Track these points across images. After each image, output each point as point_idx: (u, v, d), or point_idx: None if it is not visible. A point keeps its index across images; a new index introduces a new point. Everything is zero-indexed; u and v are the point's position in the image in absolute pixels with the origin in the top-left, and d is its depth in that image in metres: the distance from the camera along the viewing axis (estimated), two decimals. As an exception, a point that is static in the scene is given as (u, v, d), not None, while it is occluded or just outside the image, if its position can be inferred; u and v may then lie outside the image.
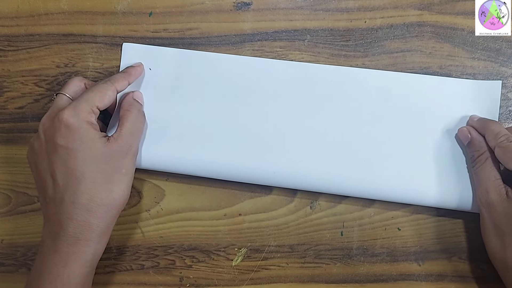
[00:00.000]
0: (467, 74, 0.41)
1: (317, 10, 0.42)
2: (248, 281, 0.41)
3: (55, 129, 0.35)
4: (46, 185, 0.36)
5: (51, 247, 0.35)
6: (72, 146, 0.35)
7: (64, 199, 0.35)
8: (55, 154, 0.35)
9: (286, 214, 0.42)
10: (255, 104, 0.41)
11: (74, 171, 0.35)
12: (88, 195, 0.35)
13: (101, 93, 0.37)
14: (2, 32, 0.43)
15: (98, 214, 0.35)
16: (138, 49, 0.41)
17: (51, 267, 0.34)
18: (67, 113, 0.35)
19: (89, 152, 0.35)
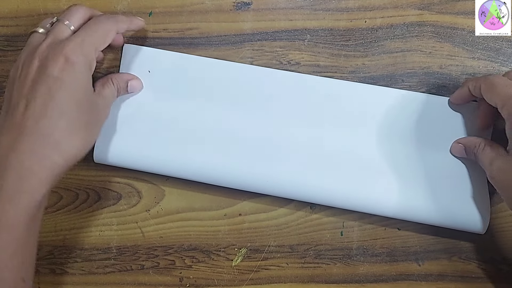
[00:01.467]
0: (467, 74, 0.41)
1: (317, 10, 0.42)
2: (248, 281, 0.41)
3: (53, 61, 0.33)
4: (15, 109, 0.33)
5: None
6: (68, 80, 0.33)
7: (31, 126, 0.32)
8: (44, 84, 0.33)
9: (286, 214, 0.42)
10: (249, 111, 0.40)
11: (61, 104, 0.33)
12: (63, 133, 0.33)
13: (105, 35, 0.36)
14: (2, 32, 0.43)
15: (66, 155, 0.33)
16: (138, 51, 0.41)
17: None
18: (72, 48, 0.34)
19: (81, 93, 0.34)
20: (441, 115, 0.40)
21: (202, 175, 0.40)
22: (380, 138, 0.40)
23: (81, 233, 0.42)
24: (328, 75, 0.42)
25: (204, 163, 0.39)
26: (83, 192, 0.42)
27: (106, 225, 0.42)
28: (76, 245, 0.42)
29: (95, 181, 0.42)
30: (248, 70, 0.41)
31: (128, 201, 0.42)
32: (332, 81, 0.41)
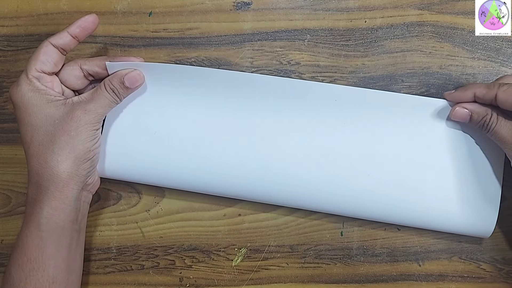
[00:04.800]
0: (467, 74, 0.41)
1: (317, 10, 0.42)
2: (248, 281, 0.41)
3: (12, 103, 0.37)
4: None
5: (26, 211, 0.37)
6: (19, 115, 0.36)
7: (27, 164, 0.36)
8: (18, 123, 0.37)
9: (286, 214, 0.42)
10: (250, 120, 0.40)
11: (24, 137, 0.36)
12: (35, 158, 0.35)
13: (35, 54, 0.36)
14: (2, 32, 0.43)
15: (44, 175, 0.35)
16: (122, 66, 0.38)
17: (20, 228, 0.36)
18: (10, 89, 0.36)
19: (36, 118, 0.36)
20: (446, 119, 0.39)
21: (203, 186, 0.39)
22: (383, 144, 0.39)
23: (81, 233, 0.42)
24: (328, 75, 0.42)
25: (203, 175, 0.39)
26: (83, 192, 0.42)
27: (106, 225, 0.42)
28: (76, 245, 0.42)
29: (95, 181, 0.42)
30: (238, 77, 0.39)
31: (128, 201, 0.42)
32: (338, 87, 0.39)
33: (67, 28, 0.37)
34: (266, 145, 0.39)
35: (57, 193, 0.35)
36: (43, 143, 0.35)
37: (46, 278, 0.35)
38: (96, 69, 0.38)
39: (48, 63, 0.36)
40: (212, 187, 0.39)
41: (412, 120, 0.39)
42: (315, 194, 0.39)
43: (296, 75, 0.42)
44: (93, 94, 0.37)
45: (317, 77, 0.42)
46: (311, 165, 0.39)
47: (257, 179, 0.39)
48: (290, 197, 0.39)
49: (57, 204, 0.35)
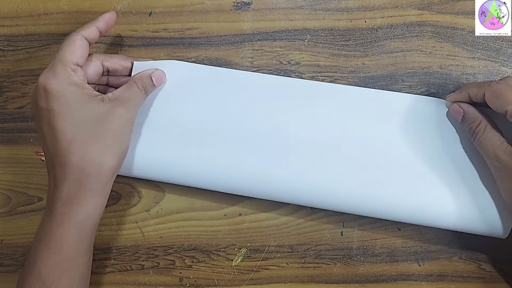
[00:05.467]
0: (467, 74, 0.41)
1: (317, 10, 0.42)
2: (248, 281, 0.41)
3: (36, 94, 0.35)
4: (43, 150, 0.36)
5: (49, 208, 0.35)
6: (57, 108, 0.34)
7: (56, 161, 0.35)
8: (41, 119, 0.35)
9: (286, 214, 0.42)
10: (258, 119, 0.40)
11: (63, 133, 0.34)
12: (78, 155, 0.34)
13: (70, 47, 0.36)
14: (2, 32, 0.43)
15: (90, 173, 0.34)
16: (148, 66, 0.40)
17: (47, 227, 0.35)
18: (44, 77, 0.35)
19: (77, 114, 0.34)
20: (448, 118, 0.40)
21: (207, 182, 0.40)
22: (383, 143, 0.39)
23: (81, 233, 0.42)
24: (328, 75, 0.42)
25: (209, 170, 0.39)
26: (83, 192, 0.42)
27: (106, 225, 0.42)
28: (76, 245, 0.42)
29: (95, 181, 0.42)
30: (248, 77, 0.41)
31: (128, 201, 0.42)
32: (339, 87, 0.40)
33: (95, 22, 0.37)
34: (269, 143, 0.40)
35: (101, 190, 0.35)
36: (87, 140, 0.34)
37: (78, 275, 0.35)
38: (117, 67, 0.39)
39: (82, 57, 0.36)
40: (214, 183, 0.40)
41: (412, 119, 0.39)
42: (316, 191, 0.39)
43: (296, 75, 0.42)
44: (127, 92, 0.37)
45: (317, 77, 0.42)
46: (312, 163, 0.39)
47: (261, 175, 0.39)
48: (292, 194, 0.39)
49: (99, 201, 0.35)
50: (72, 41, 0.36)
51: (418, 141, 0.39)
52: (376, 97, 0.40)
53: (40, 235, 0.35)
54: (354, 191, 0.39)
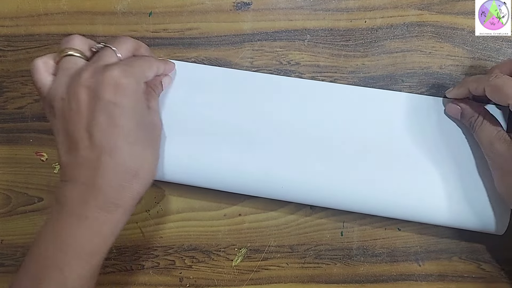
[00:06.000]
0: (467, 74, 0.41)
1: (317, 10, 0.42)
2: (248, 281, 0.41)
3: (105, 85, 0.31)
4: (78, 144, 0.32)
5: (79, 213, 0.31)
6: (126, 105, 0.32)
7: (106, 161, 0.31)
8: (103, 112, 0.31)
9: (286, 214, 0.42)
10: (258, 118, 0.40)
11: (125, 131, 0.32)
12: (139, 159, 0.32)
13: (149, 67, 0.35)
14: (2, 32, 0.43)
15: (143, 180, 0.33)
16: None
17: (79, 235, 0.31)
18: (120, 72, 0.32)
19: (140, 116, 0.33)
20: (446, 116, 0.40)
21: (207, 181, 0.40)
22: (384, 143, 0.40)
23: (81, 233, 0.42)
24: (328, 75, 0.42)
25: (209, 169, 0.39)
26: (83, 192, 0.42)
27: (106, 225, 0.42)
28: (76, 245, 0.42)
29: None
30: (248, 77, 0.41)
31: (128, 201, 0.42)
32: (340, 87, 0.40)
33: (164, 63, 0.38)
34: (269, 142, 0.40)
35: (140, 197, 0.34)
36: (144, 145, 0.34)
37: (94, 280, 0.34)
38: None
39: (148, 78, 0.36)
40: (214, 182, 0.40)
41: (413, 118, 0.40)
42: (317, 190, 0.39)
43: (296, 75, 0.42)
44: (151, 100, 0.37)
45: (317, 77, 0.42)
46: (313, 162, 0.39)
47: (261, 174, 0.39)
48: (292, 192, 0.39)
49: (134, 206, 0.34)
50: (151, 65, 0.36)
51: (417, 140, 0.39)
52: (376, 96, 0.40)
53: (63, 243, 0.31)
54: (354, 189, 0.39)
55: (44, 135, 0.42)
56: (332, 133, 0.40)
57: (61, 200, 0.32)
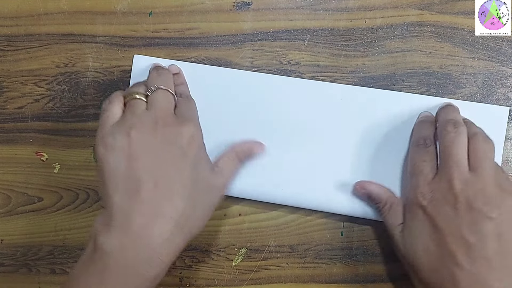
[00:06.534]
0: (467, 74, 0.41)
1: (317, 10, 0.42)
2: (248, 281, 0.41)
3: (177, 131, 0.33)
4: (141, 186, 0.31)
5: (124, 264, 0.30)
6: (195, 156, 0.33)
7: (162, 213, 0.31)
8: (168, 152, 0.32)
9: (286, 214, 0.42)
10: (258, 118, 0.40)
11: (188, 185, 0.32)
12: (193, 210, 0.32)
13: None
14: (2, 32, 0.43)
15: (185, 236, 0.33)
16: (149, 62, 0.41)
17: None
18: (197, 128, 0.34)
19: (202, 173, 0.34)
20: None
21: None
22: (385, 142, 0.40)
23: (81, 233, 0.42)
24: (328, 75, 0.42)
25: None
26: (83, 192, 0.42)
27: (106, 225, 0.42)
28: (76, 245, 0.42)
29: (96, 181, 0.42)
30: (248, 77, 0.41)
31: (128, 201, 0.42)
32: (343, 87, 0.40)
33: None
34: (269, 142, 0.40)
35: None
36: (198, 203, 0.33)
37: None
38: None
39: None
40: None
41: (413, 118, 0.40)
42: (316, 191, 0.39)
43: (296, 75, 0.42)
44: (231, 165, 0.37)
45: (317, 77, 0.42)
46: (313, 162, 0.39)
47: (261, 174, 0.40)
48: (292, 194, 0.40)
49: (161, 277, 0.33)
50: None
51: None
52: (376, 96, 0.40)
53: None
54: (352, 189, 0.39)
55: (44, 135, 0.42)
56: (332, 133, 0.40)
57: (105, 248, 0.30)
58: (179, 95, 0.37)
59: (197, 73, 0.41)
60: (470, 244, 0.31)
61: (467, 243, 0.31)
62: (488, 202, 0.31)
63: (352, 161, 0.40)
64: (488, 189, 0.31)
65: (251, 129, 0.40)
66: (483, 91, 0.41)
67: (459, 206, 0.31)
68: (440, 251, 0.32)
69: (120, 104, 0.34)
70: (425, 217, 0.33)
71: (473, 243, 0.31)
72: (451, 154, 0.33)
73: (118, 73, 0.42)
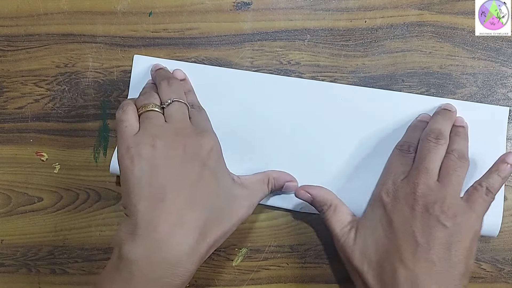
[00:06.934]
0: (467, 74, 0.41)
1: (317, 10, 0.42)
2: (248, 281, 0.41)
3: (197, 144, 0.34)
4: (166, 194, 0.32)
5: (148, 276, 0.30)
6: (215, 168, 0.34)
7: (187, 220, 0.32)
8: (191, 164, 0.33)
9: (286, 214, 0.42)
10: (258, 118, 0.40)
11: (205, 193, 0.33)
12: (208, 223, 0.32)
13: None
14: (2, 32, 0.43)
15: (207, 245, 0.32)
16: (149, 62, 0.41)
17: None
18: (214, 139, 0.35)
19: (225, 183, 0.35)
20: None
21: None
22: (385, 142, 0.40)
23: (81, 233, 0.42)
24: (328, 75, 0.42)
25: None
26: (83, 192, 0.42)
27: (106, 225, 0.42)
28: (76, 245, 0.42)
29: (96, 181, 0.42)
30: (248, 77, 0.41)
31: (128, 201, 0.42)
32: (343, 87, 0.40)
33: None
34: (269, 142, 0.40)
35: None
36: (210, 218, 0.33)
37: None
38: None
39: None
40: None
41: (413, 118, 0.40)
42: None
43: (296, 75, 0.42)
44: (258, 186, 0.38)
45: (317, 77, 0.42)
46: (312, 162, 0.40)
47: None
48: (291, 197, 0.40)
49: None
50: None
51: None
52: (376, 96, 0.40)
53: None
54: (354, 189, 0.39)
55: (44, 135, 0.42)
56: (332, 132, 0.40)
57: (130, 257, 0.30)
58: (191, 105, 0.38)
59: (197, 73, 0.41)
60: (418, 244, 0.32)
61: (416, 243, 0.32)
62: (445, 211, 0.32)
63: (352, 161, 0.40)
64: (448, 199, 0.33)
65: (251, 129, 0.40)
66: (483, 91, 0.41)
67: (417, 208, 0.33)
68: (389, 245, 0.33)
69: (135, 114, 0.35)
70: (383, 213, 0.34)
71: (421, 244, 0.32)
72: (424, 161, 0.34)
73: (118, 73, 0.42)
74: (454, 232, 0.32)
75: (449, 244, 0.32)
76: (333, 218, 0.36)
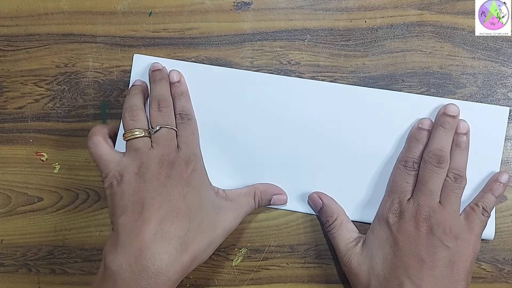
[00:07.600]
0: (467, 74, 0.41)
1: (317, 9, 0.42)
2: (248, 281, 0.41)
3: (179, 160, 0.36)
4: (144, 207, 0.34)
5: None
6: (195, 182, 0.36)
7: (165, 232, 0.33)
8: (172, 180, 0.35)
9: (286, 214, 0.42)
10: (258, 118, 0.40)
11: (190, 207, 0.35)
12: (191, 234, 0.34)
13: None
14: (2, 32, 0.43)
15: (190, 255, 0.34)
16: (149, 61, 0.41)
17: None
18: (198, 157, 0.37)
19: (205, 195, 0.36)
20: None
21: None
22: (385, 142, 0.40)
23: (81, 233, 0.42)
24: (328, 75, 0.42)
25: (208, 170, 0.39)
26: (83, 192, 0.42)
27: (106, 225, 0.42)
28: (76, 245, 0.42)
29: (95, 181, 0.42)
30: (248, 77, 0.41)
31: (128, 201, 0.42)
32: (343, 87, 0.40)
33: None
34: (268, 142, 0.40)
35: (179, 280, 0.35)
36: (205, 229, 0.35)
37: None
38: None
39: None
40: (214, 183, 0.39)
41: (413, 118, 0.40)
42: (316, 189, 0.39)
43: (296, 75, 0.42)
44: (245, 199, 0.38)
45: (317, 77, 0.42)
46: (312, 162, 0.40)
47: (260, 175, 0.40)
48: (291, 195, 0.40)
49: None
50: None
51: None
52: (376, 96, 0.40)
53: None
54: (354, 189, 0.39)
55: (44, 135, 0.42)
56: (332, 132, 0.40)
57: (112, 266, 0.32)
58: (179, 114, 0.38)
59: (197, 73, 0.41)
60: (424, 262, 0.34)
61: (422, 261, 0.35)
62: (448, 232, 0.35)
63: (352, 161, 0.40)
64: (449, 221, 0.35)
65: (251, 129, 0.40)
66: (483, 91, 0.41)
67: (422, 229, 0.35)
68: (396, 261, 0.35)
69: (108, 143, 0.38)
70: (390, 232, 0.36)
71: (427, 262, 0.34)
72: (427, 183, 0.36)
73: (118, 73, 0.42)
74: (455, 253, 0.35)
75: (452, 263, 0.35)
76: (338, 233, 0.38)
